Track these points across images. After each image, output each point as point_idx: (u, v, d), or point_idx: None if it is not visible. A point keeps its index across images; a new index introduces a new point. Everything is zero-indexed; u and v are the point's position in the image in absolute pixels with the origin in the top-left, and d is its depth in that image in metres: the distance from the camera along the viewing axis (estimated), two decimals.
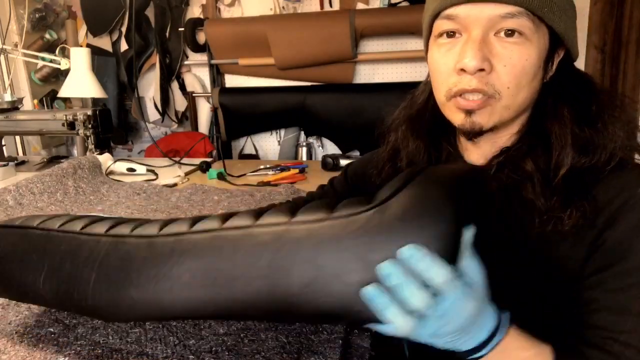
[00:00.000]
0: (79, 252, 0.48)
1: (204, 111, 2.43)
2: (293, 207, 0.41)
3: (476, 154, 0.59)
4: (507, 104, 0.51)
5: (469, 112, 0.52)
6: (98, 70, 2.25)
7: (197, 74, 2.44)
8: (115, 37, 2.41)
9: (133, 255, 0.44)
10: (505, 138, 0.56)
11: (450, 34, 0.52)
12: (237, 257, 0.39)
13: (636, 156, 0.53)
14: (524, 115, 0.55)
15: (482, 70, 0.49)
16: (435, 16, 0.53)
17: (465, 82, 0.50)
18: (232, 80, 2.41)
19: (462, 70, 0.50)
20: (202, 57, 2.34)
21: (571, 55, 0.54)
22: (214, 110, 2.34)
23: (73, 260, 0.48)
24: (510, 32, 0.49)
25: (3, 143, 1.73)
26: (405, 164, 0.63)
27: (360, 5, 2.16)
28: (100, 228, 0.49)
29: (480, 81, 0.50)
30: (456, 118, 0.54)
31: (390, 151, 0.66)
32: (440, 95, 0.55)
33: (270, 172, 1.58)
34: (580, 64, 1.99)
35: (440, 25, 0.53)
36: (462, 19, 0.50)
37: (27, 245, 0.54)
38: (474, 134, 0.54)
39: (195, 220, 0.44)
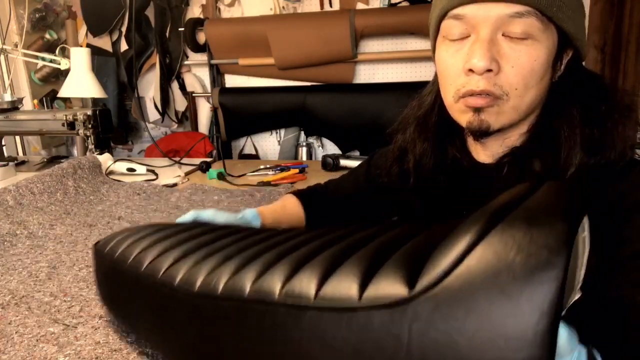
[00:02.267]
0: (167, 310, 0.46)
1: (204, 111, 2.43)
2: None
3: (484, 154, 0.59)
4: (515, 104, 0.51)
5: (477, 110, 0.51)
6: (98, 70, 2.25)
7: (197, 74, 2.44)
8: (115, 37, 2.41)
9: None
10: (514, 138, 0.56)
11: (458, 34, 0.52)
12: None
13: None
14: (532, 115, 0.55)
15: (490, 70, 0.49)
16: (443, 16, 0.52)
17: (473, 83, 0.50)
18: (232, 80, 2.41)
19: (471, 70, 0.50)
20: (202, 57, 2.34)
21: (580, 55, 0.54)
22: (214, 110, 2.33)
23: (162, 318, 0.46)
24: (518, 32, 0.48)
25: (3, 143, 1.72)
26: (413, 165, 0.63)
27: (360, 5, 2.16)
28: (186, 271, 0.45)
29: (488, 82, 0.49)
30: (464, 118, 0.53)
31: (397, 151, 0.66)
32: (448, 97, 0.54)
33: (270, 172, 1.57)
34: None
35: (448, 25, 0.52)
36: (470, 18, 0.50)
37: (118, 279, 0.54)
38: (482, 134, 0.53)
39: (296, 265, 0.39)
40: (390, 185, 0.69)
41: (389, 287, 0.32)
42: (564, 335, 0.32)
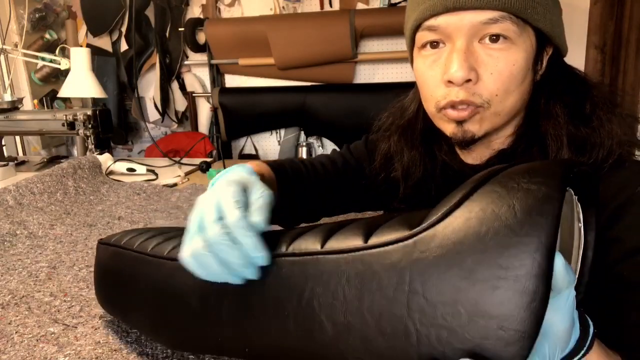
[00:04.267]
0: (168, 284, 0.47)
1: (204, 111, 2.44)
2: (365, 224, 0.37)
3: (471, 158, 0.59)
4: (497, 110, 0.50)
5: (459, 122, 0.51)
6: (98, 70, 2.25)
7: (197, 74, 2.44)
8: (115, 37, 2.42)
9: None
10: (499, 141, 0.55)
11: (434, 45, 0.51)
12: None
13: (637, 151, 0.51)
14: (517, 118, 0.54)
15: (469, 80, 0.48)
16: (417, 28, 0.52)
17: (453, 94, 0.49)
18: (232, 80, 2.41)
19: (450, 82, 0.49)
20: (202, 57, 2.34)
21: (560, 52, 0.53)
22: (214, 110, 2.34)
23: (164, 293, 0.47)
24: (494, 38, 0.48)
25: (3, 143, 1.72)
26: (401, 174, 0.62)
27: (360, 5, 2.16)
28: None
29: (468, 92, 0.49)
30: (447, 128, 0.53)
31: (382, 160, 0.66)
32: (430, 107, 0.54)
33: None
34: (580, 64, 1.99)
35: (423, 36, 0.52)
36: (444, 28, 0.49)
37: (121, 265, 0.55)
38: (467, 143, 0.53)
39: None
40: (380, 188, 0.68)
41: (391, 234, 0.33)
42: (560, 265, 0.32)
